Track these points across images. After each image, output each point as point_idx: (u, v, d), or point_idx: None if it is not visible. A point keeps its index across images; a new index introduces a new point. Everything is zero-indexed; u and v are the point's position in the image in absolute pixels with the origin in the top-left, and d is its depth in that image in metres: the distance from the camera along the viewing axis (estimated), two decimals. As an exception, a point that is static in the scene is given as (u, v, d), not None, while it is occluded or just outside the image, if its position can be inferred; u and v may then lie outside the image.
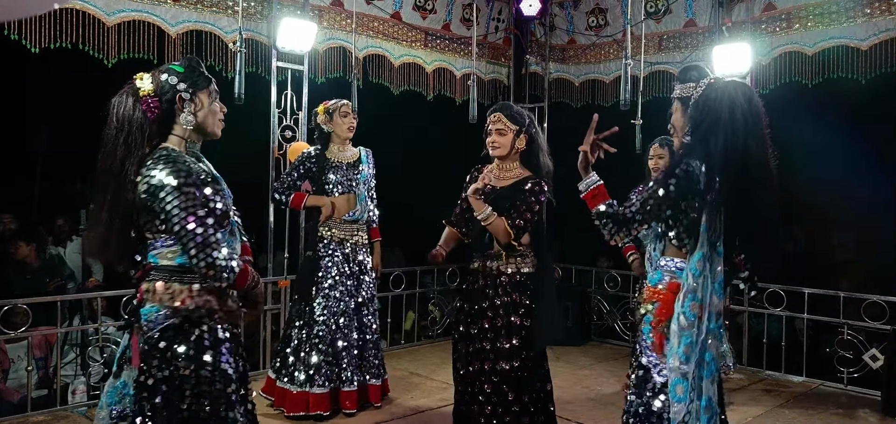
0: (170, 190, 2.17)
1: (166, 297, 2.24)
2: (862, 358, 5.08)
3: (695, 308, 2.33)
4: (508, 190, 3.26)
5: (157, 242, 2.27)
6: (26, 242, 5.87)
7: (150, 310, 2.24)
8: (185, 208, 2.17)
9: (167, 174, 2.18)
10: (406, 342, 6.38)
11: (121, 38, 4.52)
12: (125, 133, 2.24)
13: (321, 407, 4.17)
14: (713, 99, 2.39)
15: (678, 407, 2.34)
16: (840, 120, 6.45)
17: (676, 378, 2.34)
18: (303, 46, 5.21)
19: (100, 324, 4.75)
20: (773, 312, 5.49)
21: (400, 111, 6.97)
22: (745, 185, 2.31)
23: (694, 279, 2.33)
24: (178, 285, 2.25)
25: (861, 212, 6.81)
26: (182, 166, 2.20)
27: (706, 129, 2.36)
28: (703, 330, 2.33)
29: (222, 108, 2.45)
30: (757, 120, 2.40)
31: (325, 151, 4.38)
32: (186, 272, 2.25)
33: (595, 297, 6.71)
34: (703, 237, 2.32)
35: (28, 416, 4.26)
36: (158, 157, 2.23)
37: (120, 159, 2.22)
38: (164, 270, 2.26)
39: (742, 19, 5.62)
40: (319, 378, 4.18)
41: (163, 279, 2.24)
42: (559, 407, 3.46)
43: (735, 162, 2.30)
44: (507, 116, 3.28)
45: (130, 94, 2.28)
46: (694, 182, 2.35)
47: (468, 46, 6.33)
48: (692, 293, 2.33)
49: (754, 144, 2.34)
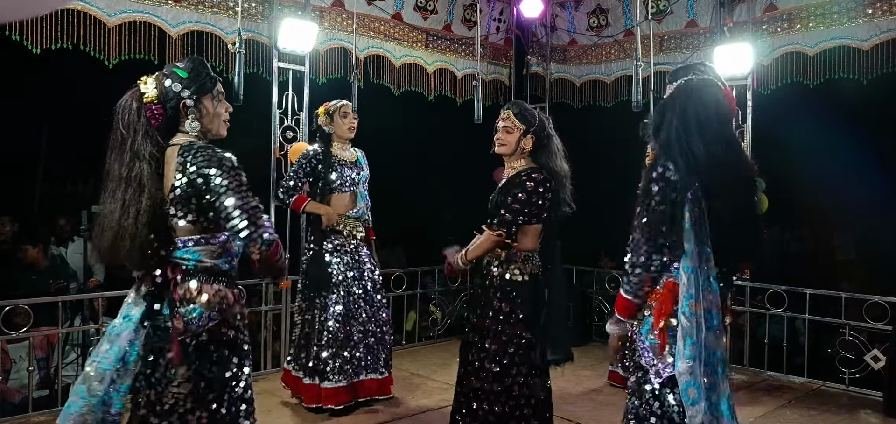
0: (218, 174, 2.20)
1: (215, 298, 2.27)
2: (863, 359, 5.07)
3: (693, 306, 2.33)
4: (505, 183, 3.23)
5: (190, 240, 2.28)
6: (33, 244, 5.89)
7: (194, 311, 2.24)
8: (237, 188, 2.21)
9: (210, 163, 2.22)
10: (407, 342, 6.38)
11: (122, 39, 4.53)
12: (131, 139, 2.25)
13: (333, 401, 4.22)
14: (670, 104, 2.44)
15: (693, 410, 2.32)
16: (841, 121, 6.45)
17: (687, 380, 2.32)
18: (304, 47, 5.21)
19: (101, 325, 4.76)
20: (775, 312, 5.48)
21: (401, 112, 6.97)
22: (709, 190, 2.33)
23: (687, 276, 2.34)
24: (225, 287, 2.30)
25: (863, 212, 6.80)
26: (223, 154, 2.25)
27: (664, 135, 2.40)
28: (703, 328, 2.32)
29: (228, 108, 2.46)
30: (723, 123, 2.42)
31: (328, 149, 4.41)
32: (225, 275, 2.32)
33: (596, 297, 6.71)
34: (689, 234, 2.32)
35: (29, 416, 4.27)
36: (197, 148, 2.25)
37: (129, 164, 2.24)
38: (199, 271, 2.28)
39: (743, 20, 5.61)
40: (331, 372, 4.22)
41: (199, 280, 2.27)
42: (559, 408, 3.45)
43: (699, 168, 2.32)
44: (516, 114, 3.24)
45: (135, 99, 2.29)
46: (670, 185, 2.34)
47: (469, 47, 6.33)
48: (688, 292, 2.33)
49: (716, 148, 2.36)
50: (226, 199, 2.19)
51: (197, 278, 2.26)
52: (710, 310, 2.34)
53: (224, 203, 2.19)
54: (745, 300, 5.63)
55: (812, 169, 6.60)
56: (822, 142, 6.52)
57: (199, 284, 2.26)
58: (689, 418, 2.32)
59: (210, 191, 2.21)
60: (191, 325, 2.23)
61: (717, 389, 2.34)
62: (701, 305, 2.32)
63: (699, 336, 2.32)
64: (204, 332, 2.26)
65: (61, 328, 4.51)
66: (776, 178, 5.68)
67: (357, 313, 4.33)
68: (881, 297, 5.04)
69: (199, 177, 2.21)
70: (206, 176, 2.21)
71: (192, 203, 2.25)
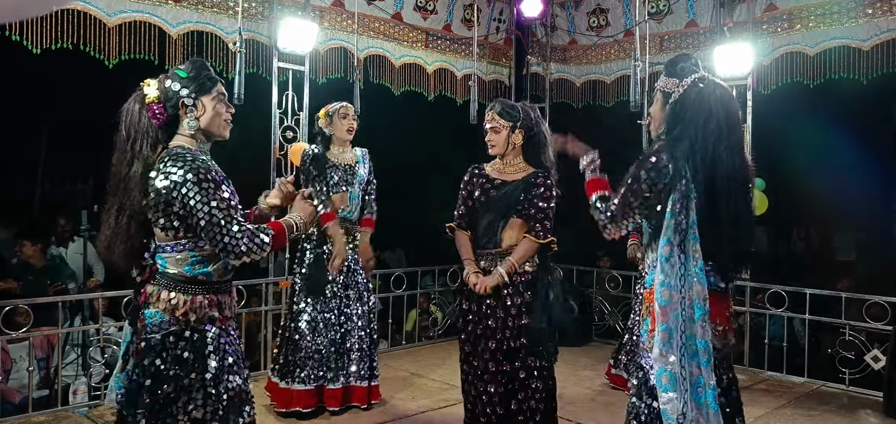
0: (190, 184, 2.21)
1: (169, 306, 2.30)
2: (863, 359, 5.08)
3: (666, 294, 2.34)
4: (520, 184, 3.26)
5: (167, 246, 2.32)
6: (32, 242, 5.88)
7: (154, 314, 2.31)
8: (206, 198, 2.22)
9: (185, 171, 2.22)
10: (407, 342, 6.38)
11: (122, 39, 4.52)
12: (132, 140, 2.30)
13: (301, 403, 4.22)
14: (690, 105, 2.43)
15: (667, 397, 2.33)
16: (841, 121, 6.46)
17: (660, 367, 2.35)
18: (304, 47, 5.21)
19: (101, 324, 4.76)
20: (775, 312, 5.48)
21: (401, 112, 6.98)
22: (711, 193, 2.36)
23: (661, 265, 2.35)
24: (182, 295, 2.31)
25: (863, 212, 6.82)
26: (200, 163, 2.26)
27: (678, 133, 2.41)
28: (679, 318, 2.33)
29: (229, 108, 2.47)
30: (732, 129, 2.44)
31: (326, 152, 4.40)
32: (190, 282, 2.32)
33: (596, 297, 6.71)
34: (668, 223, 2.34)
35: (29, 416, 4.26)
36: (175, 155, 2.27)
37: (128, 164, 2.30)
38: (168, 277, 2.32)
39: (743, 20, 5.61)
40: (302, 373, 4.22)
41: (166, 288, 2.31)
42: (560, 408, 3.45)
43: (704, 171, 2.35)
44: (498, 113, 3.29)
45: (138, 101, 2.34)
46: (662, 176, 2.37)
47: (469, 47, 6.32)
48: (662, 280, 2.35)
49: (726, 154, 2.39)
50: (199, 214, 2.23)
51: (158, 283, 2.32)
52: (694, 301, 2.34)
53: (197, 218, 2.23)
54: (746, 300, 5.63)
55: (812, 169, 6.61)
56: (822, 142, 6.53)
57: (157, 289, 2.31)
58: (663, 404, 2.33)
59: (182, 204, 2.24)
60: (147, 328, 2.30)
61: (703, 382, 2.34)
62: (678, 293, 2.33)
63: (675, 324, 2.33)
64: (169, 334, 2.30)
65: (61, 328, 4.51)
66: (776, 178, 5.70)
67: (332, 319, 4.29)
68: (881, 297, 5.04)
69: (171, 185, 2.23)
70: (178, 186, 2.23)
71: (164, 210, 2.27)
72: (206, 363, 2.32)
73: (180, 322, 2.30)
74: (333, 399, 4.29)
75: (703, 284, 2.34)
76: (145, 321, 2.31)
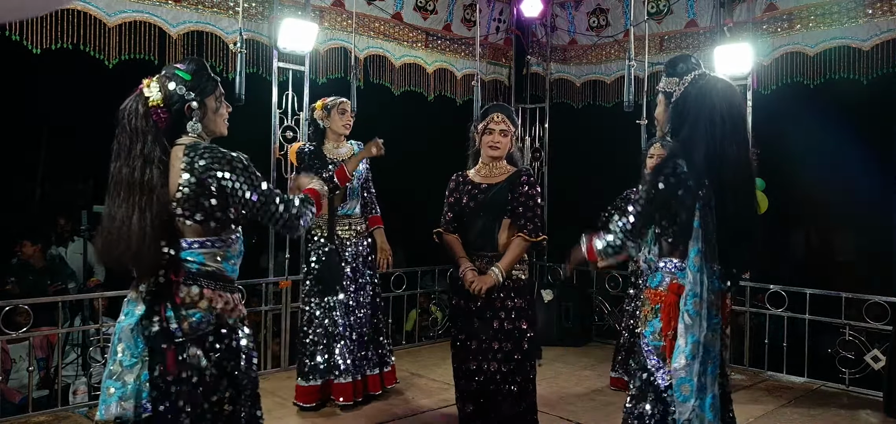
0: (239, 171, 2.29)
1: (206, 303, 2.30)
2: (863, 359, 5.07)
3: (697, 305, 2.33)
4: (505, 184, 3.28)
5: (195, 243, 2.31)
6: (32, 242, 5.89)
7: (197, 316, 2.29)
8: (257, 181, 2.32)
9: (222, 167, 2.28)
10: (407, 342, 6.38)
11: (122, 39, 4.53)
12: (140, 143, 2.26)
13: (306, 399, 4.27)
14: (693, 101, 2.43)
15: (684, 407, 2.33)
16: (841, 121, 6.45)
17: (682, 377, 2.34)
18: (304, 47, 5.21)
19: (101, 324, 4.76)
20: (775, 312, 5.48)
21: (400, 112, 6.96)
22: (720, 189, 2.34)
23: (693, 276, 2.34)
24: (224, 293, 2.35)
25: (863, 212, 6.81)
26: (230, 155, 2.32)
27: (687, 133, 2.40)
28: (704, 326, 2.33)
29: (227, 107, 2.50)
30: (737, 123, 2.43)
31: (320, 146, 4.39)
32: (218, 278, 2.34)
33: (596, 297, 6.70)
34: (697, 233, 2.33)
35: (29, 416, 4.26)
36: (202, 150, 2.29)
37: (140, 168, 2.24)
38: (201, 275, 2.31)
39: (743, 20, 5.61)
40: (313, 371, 4.27)
41: (202, 285, 2.30)
42: (560, 408, 3.46)
43: (713, 167, 2.34)
44: (509, 118, 3.34)
45: (140, 103, 2.29)
46: (683, 182, 2.36)
47: (469, 47, 6.33)
48: (693, 291, 2.34)
49: (732, 149, 2.38)
50: (251, 195, 2.29)
51: (197, 282, 2.29)
52: (710, 309, 2.35)
53: (250, 199, 2.30)
54: (746, 300, 5.63)
55: (812, 169, 6.61)
56: (822, 142, 6.53)
57: (200, 288, 2.29)
58: (679, 414, 2.34)
59: (225, 194, 2.27)
60: (193, 328, 2.27)
61: (706, 389, 2.35)
62: (704, 303, 2.33)
63: (701, 335, 2.33)
64: (207, 335, 2.30)
65: (61, 328, 4.51)
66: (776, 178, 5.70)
67: (341, 315, 4.32)
68: (881, 297, 5.03)
69: (209, 178, 2.25)
70: (218, 179, 2.26)
71: (199, 203, 2.27)
72: (239, 360, 2.36)
73: (221, 321, 2.31)
74: (345, 394, 4.32)
75: (716, 291, 2.35)
76: (191, 323, 2.26)
